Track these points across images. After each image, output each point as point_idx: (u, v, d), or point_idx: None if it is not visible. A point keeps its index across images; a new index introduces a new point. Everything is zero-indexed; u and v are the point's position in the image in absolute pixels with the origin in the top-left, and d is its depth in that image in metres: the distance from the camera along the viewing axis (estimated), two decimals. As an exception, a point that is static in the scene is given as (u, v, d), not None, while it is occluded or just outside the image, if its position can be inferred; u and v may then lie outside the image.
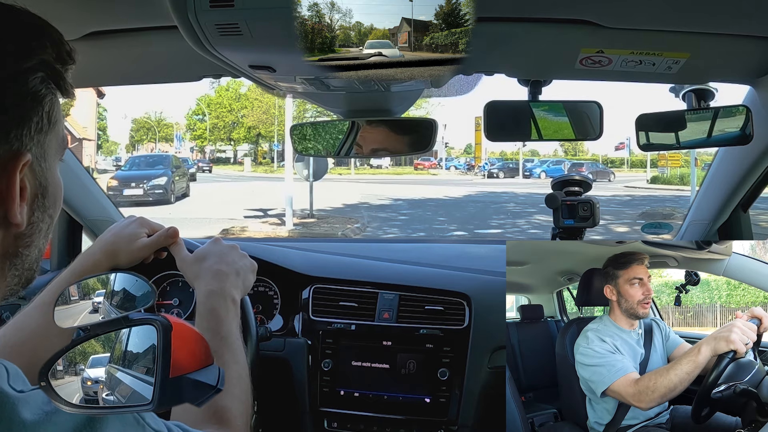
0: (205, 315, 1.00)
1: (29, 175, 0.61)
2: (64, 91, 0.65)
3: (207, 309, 1.01)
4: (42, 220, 0.64)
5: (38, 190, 0.63)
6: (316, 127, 1.46)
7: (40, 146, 0.61)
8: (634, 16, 1.04)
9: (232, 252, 1.11)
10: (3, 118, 0.58)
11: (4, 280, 0.63)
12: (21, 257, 0.63)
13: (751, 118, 1.33)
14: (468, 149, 49.47)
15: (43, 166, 0.63)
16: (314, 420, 1.47)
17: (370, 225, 13.44)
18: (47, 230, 0.66)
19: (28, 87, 0.59)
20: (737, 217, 1.80)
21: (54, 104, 0.63)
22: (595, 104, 1.33)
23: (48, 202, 0.65)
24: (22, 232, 0.62)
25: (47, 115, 0.62)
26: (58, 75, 0.63)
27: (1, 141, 0.57)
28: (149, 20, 1.09)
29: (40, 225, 0.64)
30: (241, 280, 1.10)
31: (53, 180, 0.65)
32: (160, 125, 49.49)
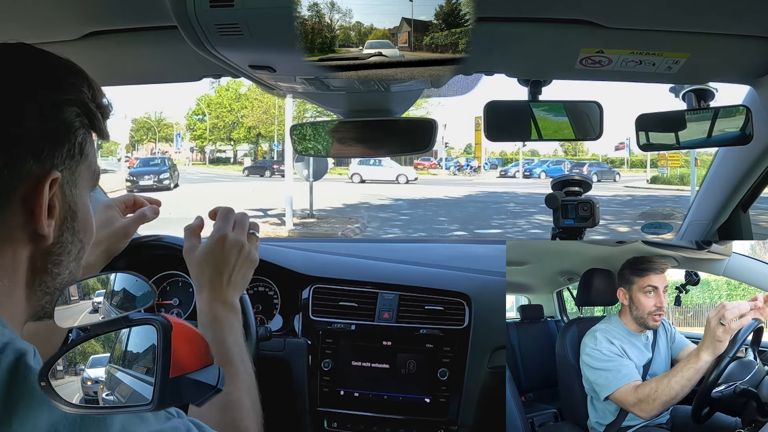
0: (209, 325, 1.02)
1: (59, 194, 0.66)
2: (99, 130, 0.71)
3: (210, 318, 1.03)
4: (72, 243, 0.69)
5: (67, 213, 0.68)
6: (316, 127, 1.46)
7: (70, 172, 0.67)
8: (634, 16, 1.04)
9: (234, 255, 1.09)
10: (39, 139, 0.65)
11: (34, 296, 0.67)
12: (51, 275, 0.67)
13: (751, 118, 1.33)
14: (468, 149, 49.42)
15: (74, 191, 0.69)
16: (314, 420, 1.47)
17: (370, 225, 13.44)
18: (78, 254, 0.71)
19: (63, 116, 0.66)
20: (737, 217, 1.80)
21: (86, 139, 0.69)
22: (595, 104, 1.33)
23: (78, 226, 0.70)
24: (51, 249, 0.67)
25: (79, 146, 0.68)
26: (93, 114, 0.69)
27: (35, 159, 0.64)
28: (149, 20, 1.09)
29: (69, 247, 0.69)
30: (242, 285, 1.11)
31: (83, 207, 0.71)
32: (160, 125, 49.44)
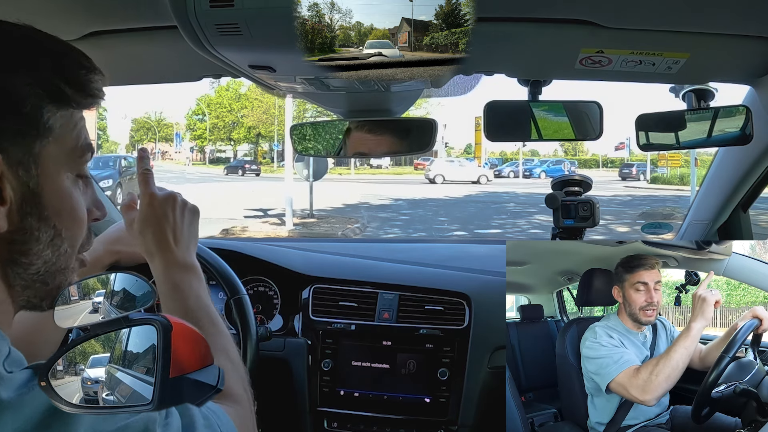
0: (168, 294, 0.94)
1: (9, 176, 0.60)
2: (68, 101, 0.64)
3: (168, 287, 0.94)
4: (39, 229, 0.63)
5: (26, 196, 0.61)
6: (316, 127, 1.46)
7: (24, 150, 0.60)
8: (634, 16, 1.04)
9: (170, 210, 0.99)
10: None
11: (13, 290, 0.63)
12: (21, 266, 0.63)
13: (751, 118, 1.33)
14: (468, 149, 49.42)
15: (34, 172, 0.61)
16: (314, 420, 1.47)
17: (370, 225, 13.44)
18: (52, 241, 0.64)
19: (5, 90, 0.59)
20: (737, 217, 1.80)
21: (46, 111, 0.62)
22: (595, 104, 1.33)
23: (47, 211, 0.63)
24: (12, 238, 0.61)
25: (33, 119, 0.61)
26: (53, 83, 0.62)
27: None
28: (149, 20, 1.09)
29: (36, 234, 0.62)
30: (192, 238, 1.02)
31: (53, 189, 0.63)
32: (160, 125, 49.47)
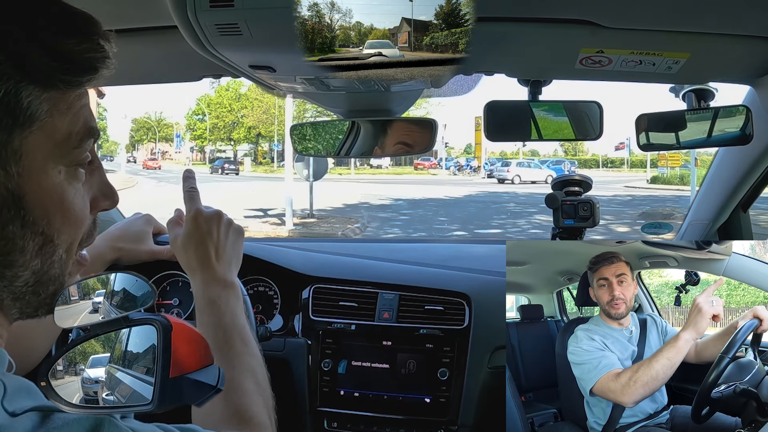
0: (204, 309, 0.94)
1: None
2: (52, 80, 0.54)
3: (205, 302, 0.95)
4: (24, 237, 0.54)
5: (6, 200, 0.53)
6: (316, 127, 1.47)
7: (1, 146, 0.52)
8: (634, 16, 1.04)
9: (214, 227, 1.00)
10: None
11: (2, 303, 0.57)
12: (5, 279, 0.55)
13: (751, 118, 1.33)
14: (468, 149, 49.44)
15: (12, 170, 0.52)
16: (314, 420, 1.47)
17: (371, 225, 13.44)
18: (41, 249, 0.56)
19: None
20: (737, 217, 1.80)
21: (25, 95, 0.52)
22: (595, 104, 1.33)
23: (33, 215, 0.54)
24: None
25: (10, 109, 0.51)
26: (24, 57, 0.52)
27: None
28: (149, 20, 1.09)
29: (20, 242, 0.54)
30: (234, 257, 1.02)
31: (38, 189, 0.54)
32: (160, 125, 49.52)
